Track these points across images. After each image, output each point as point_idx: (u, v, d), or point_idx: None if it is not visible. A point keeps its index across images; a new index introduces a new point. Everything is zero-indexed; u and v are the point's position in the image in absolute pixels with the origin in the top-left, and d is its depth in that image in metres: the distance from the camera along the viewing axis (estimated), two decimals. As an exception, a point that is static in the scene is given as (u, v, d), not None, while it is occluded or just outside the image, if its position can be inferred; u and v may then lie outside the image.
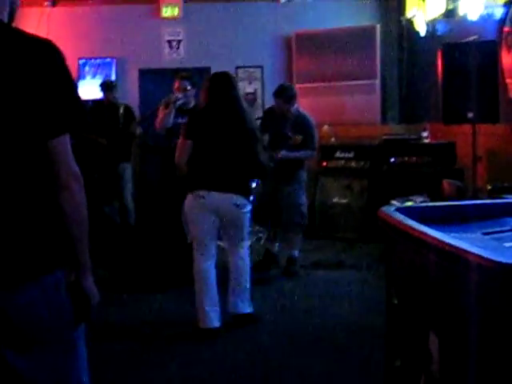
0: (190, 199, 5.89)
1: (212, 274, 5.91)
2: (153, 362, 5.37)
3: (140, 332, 6.08)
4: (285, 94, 7.95)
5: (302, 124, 7.92)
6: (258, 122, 7.54)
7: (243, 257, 6.11)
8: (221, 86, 5.94)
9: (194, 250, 5.95)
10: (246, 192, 6.01)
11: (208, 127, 5.85)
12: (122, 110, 9.64)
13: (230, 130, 5.83)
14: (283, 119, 7.90)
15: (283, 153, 7.74)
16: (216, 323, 5.86)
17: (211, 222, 5.89)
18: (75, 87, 2.40)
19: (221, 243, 6.44)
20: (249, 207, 6.04)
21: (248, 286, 6.13)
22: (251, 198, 6.29)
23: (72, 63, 11.00)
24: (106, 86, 10.01)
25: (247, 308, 6.14)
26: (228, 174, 5.83)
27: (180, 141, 5.95)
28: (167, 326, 6.17)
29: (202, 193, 5.78)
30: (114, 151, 9.34)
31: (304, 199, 8.12)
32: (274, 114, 8.03)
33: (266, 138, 7.73)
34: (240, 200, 5.89)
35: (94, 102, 10.50)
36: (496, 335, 2.28)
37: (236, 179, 5.88)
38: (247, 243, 6.25)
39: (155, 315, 6.49)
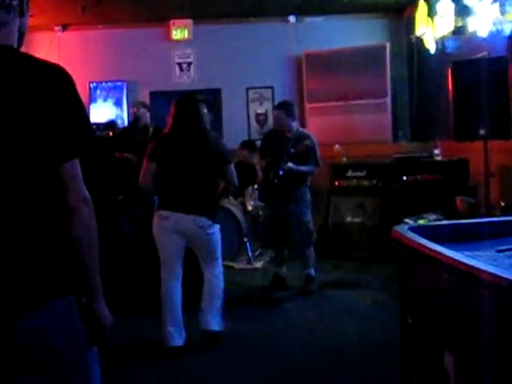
0: (155, 220, 5.97)
1: (177, 295, 5.95)
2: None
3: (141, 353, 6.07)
4: (286, 107, 8.00)
5: (303, 140, 7.88)
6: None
7: (216, 274, 6.11)
8: (186, 110, 6.00)
9: (161, 270, 6.00)
10: (210, 213, 5.99)
11: (172, 150, 5.90)
12: (151, 132, 9.66)
13: (193, 152, 5.88)
14: (284, 138, 7.88)
15: (290, 165, 7.70)
16: (179, 342, 5.90)
17: (176, 244, 5.94)
18: (85, 112, 2.40)
19: (232, 264, 6.44)
20: (215, 228, 6.03)
21: (220, 304, 6.11)
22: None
23: (83, 87, 11.09)
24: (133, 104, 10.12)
25: (217, 326, 6.09)
26: (191, 195, 5.87)
27: (144, 163, 5.98)
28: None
29: (165, 213, 5.86)
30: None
31: (310, 216, 8.09)
32: (275, 136, 8.02)
33: (269, 159, 7.77)
34: (204, 221, 5.90)
35: (129, 123, 10.54)
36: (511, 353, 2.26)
37: (199, 201, 5.90)
38: (220, 262, 6.21)
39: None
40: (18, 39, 2.41)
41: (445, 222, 4.53)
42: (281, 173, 7.69)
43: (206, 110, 7.65)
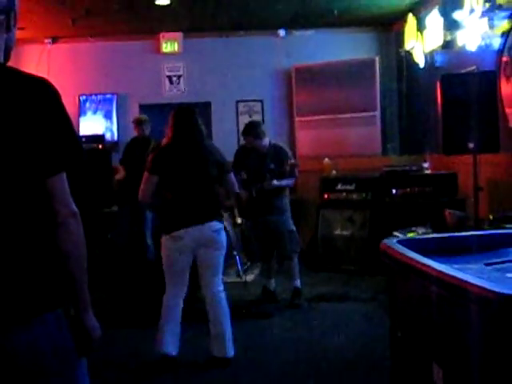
0: (167, 242, 5.86)
1: (177, 308, 5.89)
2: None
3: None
4: (253, 130, 8.01)
5: (279, 154, 7.97)
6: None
7: (221, 290, 6.02)
8: (184, 121, 5.96)
9: (166, 287, 5.94)
10: (219, 217, 6.03)
11: (173, 163, 5.86)
12: (151, 146, 9.67)
13: (193, 162, 5.85)
14: (259, 154, 7.94)
15: (275, 182, 7.81)
16: (173, 351, 5.85)
17: (187, 263, 5.90)
18: (71, 125, 2.39)
19: (223, 277, 6.40)
20: (224, 231, 6.06)
21: (229, 326, 5.99)
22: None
23: (73, 99, 11.12)
24: (136, 122, 10.20)
25: (230, 352, 5.97)
26: (199, 205, 5.83)
27: (145, 175, 5.90)
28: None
29: (178, 233, 5.77)
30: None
31: (293, 226, 8.15)
32: (250, 150, 8.07)
33: (244, 175, 7.81)
34: (217, 225, 5.91)
35: (132, 138, 10.57)
36: (500, 366, 2.26)
37: (207, 208, 5.88)
38: (221, 277, 6.14)
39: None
40: (4, 54, 2.40)
41: (433, 236, 4.55)
42: (270, 185, 7.77)
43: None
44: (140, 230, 9.72)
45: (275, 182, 7.81)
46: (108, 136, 11.87)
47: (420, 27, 10.12)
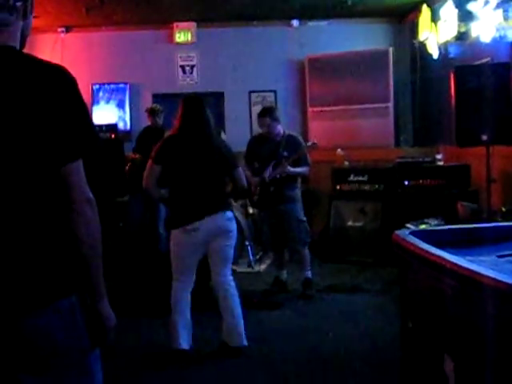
0: (178, 234, 5.83)
1: (187, 301, 5.90)
2: None
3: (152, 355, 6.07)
4: (270, 111, 8.07)
5: (294, 143, 8.01)
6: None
7: (231, 279, 6.04)
8: (192, 111, 5.92)
9: (173, 279, 5.93)
10: (229, 206, 6.08)
11: (179, 154, 5.83)
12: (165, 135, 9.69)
13: (200, 154, 5.82)
14: (272, 142, 7.95)
15: (290, 169, 7.83)
16: (186, 346, 5.85)
17: (198, 255, 5.91)
18: (88, 113, 2.40)
19: (234, 267, 6.41)
20: (235, 221, 6.07)
21: (241, 314, 6.00)
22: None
23: (86, 89, 11.10)
24: (150, 112, 10.28)
25: (242, 341, 6.00)
26: (209, 196, 5.82)
27: (148, 164, 5.87)
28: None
29: (192, 226, 5.75)
30: None
31: (303, 216, 8.17)
32: (263, 141, 8.08)
33: (256, 164, 7.82)
34: (229, 214, 5.93)
35: (145, 127, 10.63)
36: (512, 358, 2.26)
37: (217, 198, 5.88)
38: (231, 267, 6.19)
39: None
40: (20, 41, 2.41)
41: (446, 227, 4.54)
42: (278, 176, 7.78)
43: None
44: (153, 219, 9.72)
45: (290, 168, 7.82)
46: (121, 125, 11.87)
47: (434, 18, 10.07)
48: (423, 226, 7.37)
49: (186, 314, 5.88)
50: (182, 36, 11.97)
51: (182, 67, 12.17)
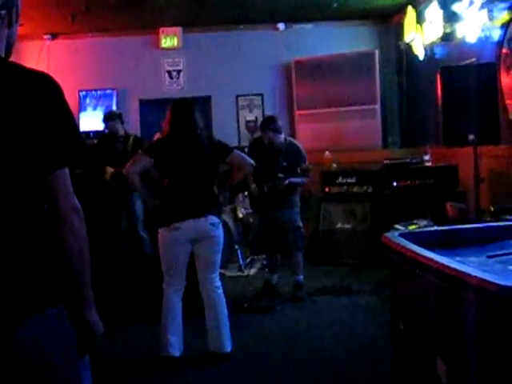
0: (163, 233, 5.83)
1: (178, 306, 5.88)
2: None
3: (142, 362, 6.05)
4: (272, 125, 8.02)
5: (294, 152, 8.02)
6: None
7: (218, 285, 5.99)
8: (181, 115, 5.91)
9: (164, 282, 5.92)
10: (217, 211, 6.02)
11: (170, 156, 5.83)
12: (131, 141, 9.58)
13: (191, 156, 5.81)
14: (273, 149, 7.96)
15: (291, 180, 7.83)
16: (176, 352, 5.83)
17: (184, 254, 5.86)
18: (73, 120, 2.38)
19: (223, 271, 6.39)
20: (221, 228, 5.99)
21: (227, 321, 5.96)
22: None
23: (72, 95, 11.09)
24: (106, 117, 9.95)
25: (226, 347, 5.96)
26: (197, 198, 5.82)
27: (137, 154, 5.91)
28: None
29: (175, 225, 5.74)
30: (123, 182, 9.28)
31: (300, 223, 8.18)
32: (263, 145, 8.05)
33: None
34: (214, 219, 5.87)
35: (100, 134, 10.49)
36: (503, 359, 2.26)
37: (205, 201, 5.86)
38: (218, 273, 6.11)
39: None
40: (6, 50, 2.39)
41: (435, 228, 4.54)
42: (284, 183, 7.83)
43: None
44: (131, 222, 9.66)
45: (291, 179, 7.85)
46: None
47: (419, 19, 10.10)
48: (412, 227, 7.38)
49: (177, 320, 5.86)
50: (168, 41, 11.96)
51: (169, 72, 12.16)
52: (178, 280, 5.91)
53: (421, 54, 10.12)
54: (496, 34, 7.76)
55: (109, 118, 9.79)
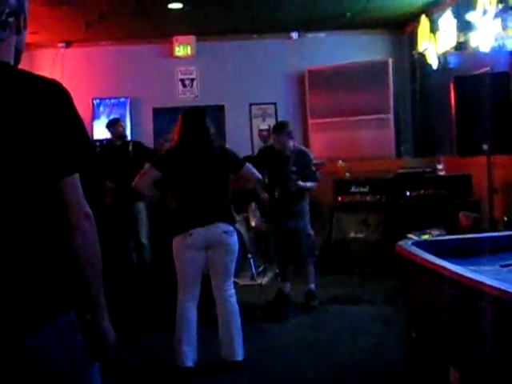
0: (177, 240, 5.81)
1: (193, 315, 5.86)
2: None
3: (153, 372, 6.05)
4: (286, 129, 8.02)
5: (303, 158, 8.02)
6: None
7: (231, 294, 5.97)
8: (192, 124, 5.90)
9: (178, 290, 5.90)
10: (231, 220, 6.00)
11: (181, 165, 5.81)
12: (130, 148, 9.61)
13: (202, 165, 5.80)
14: (282, 156, 7.96)
15: (301, 183, 7.84)
16: (190, 363, 5.80)
17: (198, 261, 5.84)
18: (83, 126, 2.37)
19: (236, 280, 6.38)
20: (235, 236, 5.97)
21: (239, 331, 5.93)
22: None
23: (86, 103, 11.14)
24: (109, 124, 9.99)
25: (238, 356, 5.92)
26: (209, 206, 5.81)
27: (147, 167, 5.90)
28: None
29: (189, 231, 5.73)
30: (128, 190, 9.26)
31: (311, 231, 8.19)
32: (273, 152, 8.05)
33: (265, 178, 7.82)
34: (227, 227, 5.85)
35: (104, 143, 10.53)
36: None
37: (218, 209, 5.85)
38: (232, 281, 6.10)
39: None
40: (15, 57, 2.40)
41: (448, 237, 4.52)
42: (296, 185, 7.83)
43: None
44: (133, 228, 9.65)
45: (300, 182, 7.83)
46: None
47: (433, 29, 10.10)
48: (425, 237, 7.36)
49: (192, 330, 5.83)
50: (181, 50, 12.00)
51: (182, 81, 12.19)
52: (193, 288, 5.88)
53: (434, 63, 10.10)
54: (510, 44, 7.73)
55: (111, 123, 9.86)
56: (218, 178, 5.89)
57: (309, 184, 7.96)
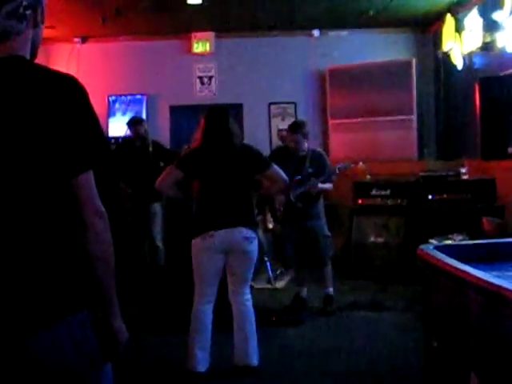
0: (197, 242, 5.76)
1: (208, 318, 5.82)
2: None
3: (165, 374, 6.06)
4: (302, 129, 7.97)
5: (319, 159, 7.99)
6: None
7: (248, 298, 5.96)
8: (216, 123, 5.84)
9: (195, 292, 5.86)
10: (253, 225, 5.96)
11: (204, 166, 5.77)
12: (151, 148, 9.57)
13: (226, 166, 5.76)
14: (298, 157, 7.92)
15: (320, 185, 7.81)
16: (202, 368, 5.78)
17: (216, 264, 5.80)
18: (98, 123, 2.37)
19: (252, 283, 6.37)
20: (256, 242, 5.94)
21: (255, 336, 5.91)
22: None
23: (102, 100, 11.19)
24: (132, 122, 9.85)
25: (253, 361, 5.90)
26: (232, 209, 5.77)
27: (169, 167, 5.86)
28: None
29: (210, 233, 5.69)
30: (145, 191, 9.27)
31: (328, 232, 8.15)
32: (288, 152, 8.01)
33: None
34: (249, 233, 5.81)
35: (123, 140, 10.53)
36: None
37: (241, 213, 5.82)
38: (249, 286, 6.07)
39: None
40: (31, 51, 2.40)
41: (472, 242, 4.50)
42: (312, 186, 7.78)
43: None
44: (147, 230, 9.65)
45: (320, 185, 7.81)
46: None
47: (458, 28, 10.06)
48: (447, 242, 7.33)
49: (206, 334, 5.80)
50: (200, 46, 12.01)
51: (200, 78, 12.20)
52: (209, 291, 5.85)
53: (459, 63, 10.07)
54: (538, 44, 7.70)
55: (135, 122, 9.78)
56: (241, 178, 5.85)
57: (326, 186, 7.95)
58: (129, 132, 9.85)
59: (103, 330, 2.45)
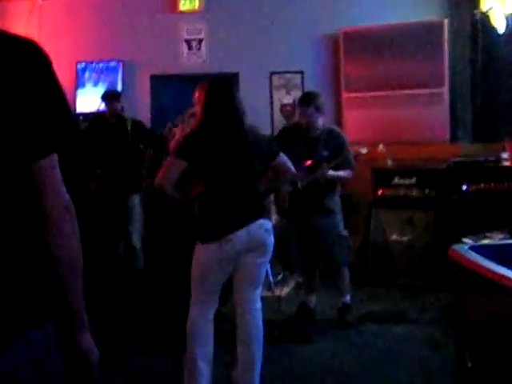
0: (208, 249, 5.69)
1: (209, 335, 5.81)
2: None
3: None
4: (316, 100, 7.88)
5: (336, 140, 7.95)
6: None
7: (257, 308, 5.94)
8: (219, 98, 5.78)
9: (192, 303, 5.83)
10: (266, 211, 6.02)
11: (208, 152, 5.68)
12: (129, 127, 9.54)
13: (233, 151, 5.71)
14: (310, 137, 7.88)
15: (331, 172, 7.72)
16: None
17: (227, 272, 5.79)
18: (64, 97, 2.36)
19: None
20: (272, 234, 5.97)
21: (261, 356, 5.90)
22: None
23: (69, 68, 11.19)
24: (108, 96, 9.94)
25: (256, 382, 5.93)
26: (246, 200, 5.76)
27: (168, 158, 5.79)
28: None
29: (227, 237, 5.61)
30: (122, 180, 9.24)
31: (345, 231, 8.14)
32: (298, 133, 7.96)
33: None
34: (268, 224, 5.88)
35: (94, 116, 10.51)
36: None
37: (256, 203, 5.84)
38: (260, 291, 6.07)
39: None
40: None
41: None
42: (323, 174, 7.70)
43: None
44: (123, 227, 9.66)
45: (331, 172, 7.73)
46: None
47: (500, -17, 10.07)
48: (485, 241, 7.34)
49: (208, 347, 5.79)
50: (187, 3, 11.98)
51: (188, 42, 12.17)
52: (210, 304, 5.86)
53: (501, 26, 10.06)
54: None
55: (111, 96, 9.78)
56: (250, 165, 5.82)
57: (341, 173, 7.85)
58: (103, 107, 9.85)
59: (69, 348, 2.44)
